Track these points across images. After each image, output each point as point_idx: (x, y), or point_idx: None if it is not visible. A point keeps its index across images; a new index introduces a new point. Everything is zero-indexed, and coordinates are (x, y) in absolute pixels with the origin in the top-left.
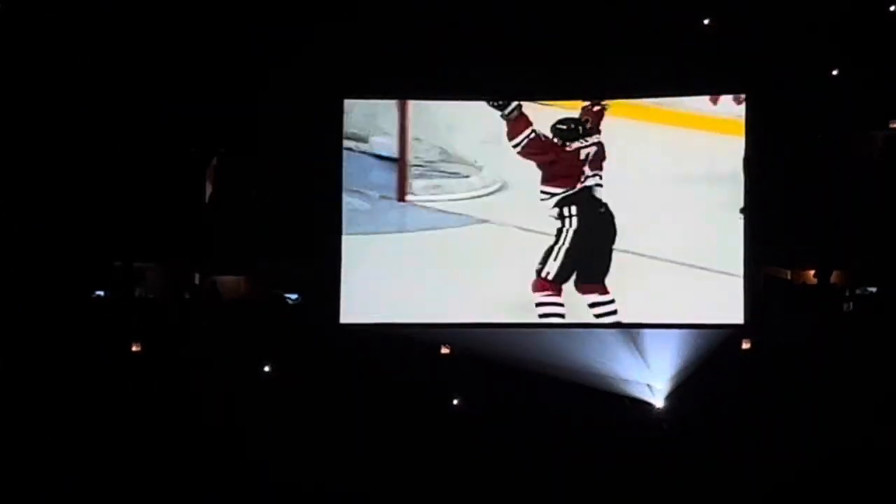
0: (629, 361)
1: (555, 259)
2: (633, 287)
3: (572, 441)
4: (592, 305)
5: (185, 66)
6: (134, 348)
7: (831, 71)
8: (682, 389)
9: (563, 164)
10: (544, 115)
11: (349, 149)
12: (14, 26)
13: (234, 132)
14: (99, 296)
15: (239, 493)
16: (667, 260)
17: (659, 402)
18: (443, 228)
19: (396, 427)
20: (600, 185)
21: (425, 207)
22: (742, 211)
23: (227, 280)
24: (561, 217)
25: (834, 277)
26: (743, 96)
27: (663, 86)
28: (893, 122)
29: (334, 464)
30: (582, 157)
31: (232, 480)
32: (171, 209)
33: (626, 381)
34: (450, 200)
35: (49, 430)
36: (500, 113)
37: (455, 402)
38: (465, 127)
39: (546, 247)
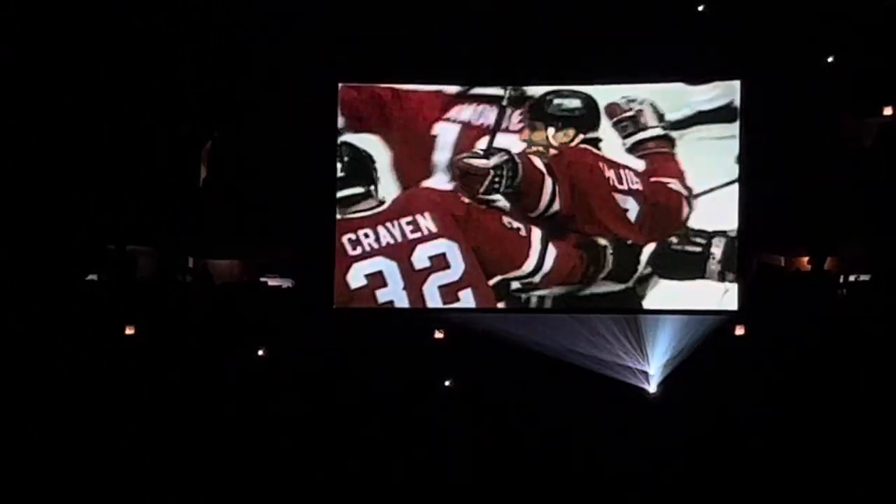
0: (622, 347)
1: None
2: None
3: (564, 425)
4: None
5: (180, 49)
6: (127, 331)
7: (826, 58)
8: (676, 376)
9: None
10: None
11: None
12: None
13: (229, 115)
14: (92, 279)
15: (232, 476)
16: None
17: (652, 388)
18: None
19: (389, 411)
20: None
21: None
22: None
23: (221, 264)
24: None
25: (828, 264)
26: None
27: (658, 71)
28: (887, 110)
29: (327, 447)
30: None
31: (225, 463)
32: (164, 192)
33: (619, 366)
34: None
35: (42, 414)
36: None
37: (447, 383)
38: None
39: None
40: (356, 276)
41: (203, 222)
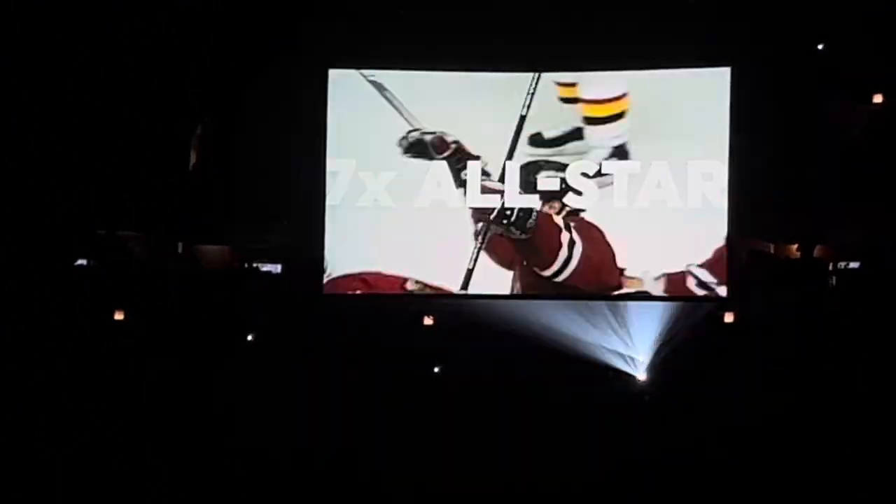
0: (612, 333)
1: None
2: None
3: (553, 411)
4: None
5: (170, 36)
6: (117, 317)
7: (816, 45)
8: (664, 362)
9: None
10: None
11: None
12: None
13: (220, 100)
14: (82, 264)
15: (220, 461)
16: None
17: (641, 374)
18: None
19: (379, 397)
20: None
21: None
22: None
23: (211, 249)
24: None
25: (817, 252)
26: None
27: (649, 58)
28: (877, 97)
29: (316, 433)
30: None
31: (214, 450)
32: (155, 178)
33: (608, 352)
34: None
35: (31, 399)
36: None
37: (436, 369)
38: None
39: None
40: None
41: (193, 208)
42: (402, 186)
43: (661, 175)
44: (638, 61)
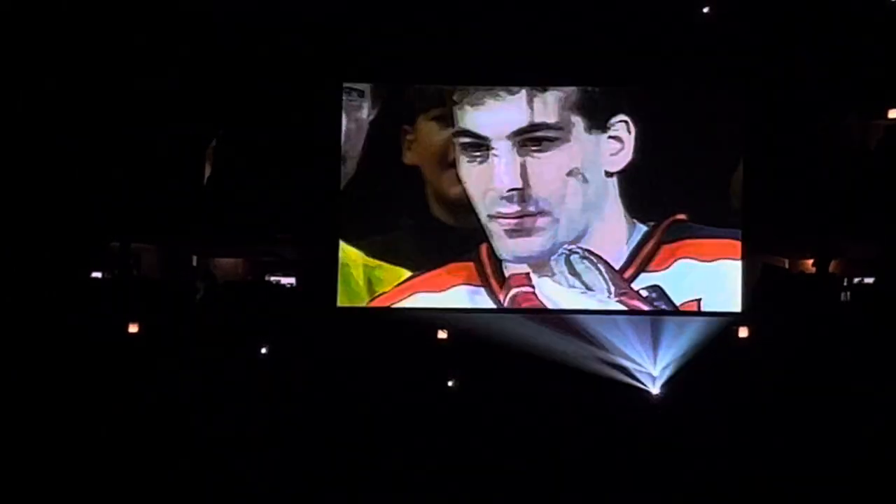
0: (626, 348)
1: None
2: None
3: (567, 426)
4: None
5: (185, 47)
6: (131, 329)
7: (830, 60)
8: (679, 377)
9: None
10: None
11: None
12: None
13: (234, 113)
14: (96, 277)
15: (234, 475)
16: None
17: (655, 389)
18: None
19: (392, 411)
20: None
21: None
22: None
23: (225, 262)
24: None
25: (832, 267)
26: None
27: (661, 75)
28: (892, 112)
29: (330, 446)
30: None
31: (228, 462)
32: (169, 191)
33: (622, 367)
34: None
35: (46, 411)
36: None
37: (450, 383)
38: None
39: None
40: None
41: (207, 221)
42: None
43: None
44: (652, 78)
